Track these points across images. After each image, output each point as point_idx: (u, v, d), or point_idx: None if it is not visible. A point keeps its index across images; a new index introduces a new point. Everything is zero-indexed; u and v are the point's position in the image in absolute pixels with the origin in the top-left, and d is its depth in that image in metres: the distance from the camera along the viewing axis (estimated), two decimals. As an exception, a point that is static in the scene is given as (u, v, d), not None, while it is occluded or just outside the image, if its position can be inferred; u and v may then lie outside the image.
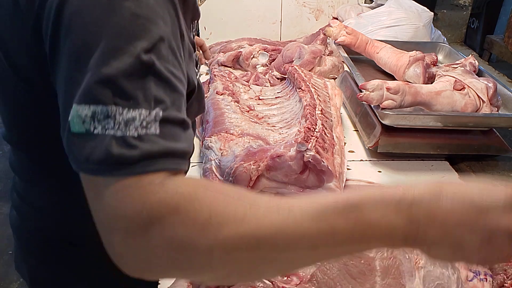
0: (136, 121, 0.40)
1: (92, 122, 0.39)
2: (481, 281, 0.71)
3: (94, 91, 0.39)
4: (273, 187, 0.96)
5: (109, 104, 0.39)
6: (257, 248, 0.39)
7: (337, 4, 2.08)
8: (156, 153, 0.40)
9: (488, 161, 1.17)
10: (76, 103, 0.40)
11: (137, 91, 0.40)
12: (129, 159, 0.39)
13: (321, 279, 0.60)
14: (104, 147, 0.39)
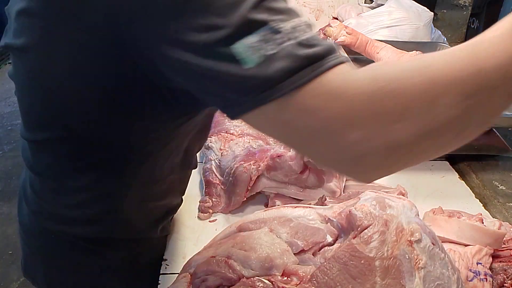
0: (299, 27, 0.40)
1: (265, 45, 0.39)
2: (481, 281, 0.71)
3: (250, 21, 0.39)
4: (273, 187, 0.96)
5: (270, 22, 0.39)
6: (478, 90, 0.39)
7: (337, 4, 2.08)
8: (331, 47, 0.41)
9: (488, 161, 1.17)
10: (238, 40, 0.39)
11: (283, 7, 0.41)
12: (317, 56, 0.39)
13: (321, 279, 0.60)
14: (291, 56, 0.39)
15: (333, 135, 0.40)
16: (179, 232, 0.91)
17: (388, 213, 0.64)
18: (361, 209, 0.65)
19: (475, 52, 0.42)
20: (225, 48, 0.40)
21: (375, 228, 0.63)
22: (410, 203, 0.68)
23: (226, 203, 0.97)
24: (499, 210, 0.99)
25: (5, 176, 2.88)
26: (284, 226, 0.72)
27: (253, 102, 0.40)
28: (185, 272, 0.71)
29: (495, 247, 0.77)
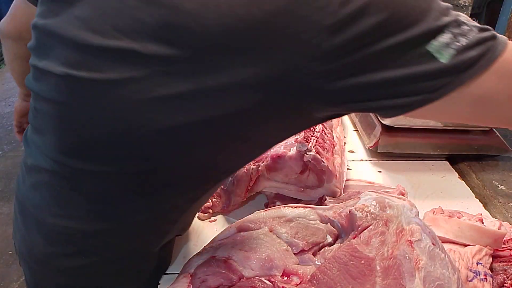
0: (466, 19, 0.48)
1: (455, 38, 0.46)
2: (481, 281, 0.71)
3: (441, 21, 0.46)
4: (273, 187, 0.96)
5: (454, 19, 0.47)
6: None
7: (337, 4, 2.08)
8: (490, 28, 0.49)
9: (488, 161, 1.17)
10: (433, 40, 0.46)
11: (449, 8, 0.48)
12: (494, 36, 0.48)
13: (321, 279, 0.60)
14: (479, 43, 0.46)
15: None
16: (179, 232, 0.91)
17: (388, 213, 0.64)
18: (361, 209, 0.65)
19: None
20: (421, 49, 0.46)
21: (375, 228, 0.63)
22: (410, 203, 0.68)
23: (226, 203, 0.96)
24: (499, 210, 0.99)
25: (5, 176, 2.88)
26: (284, 226, 0.72)
27: (454, 84, 0.47)
28: (185, 272, 0.71)
29: (495, 247, 0.77)
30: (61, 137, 0.59)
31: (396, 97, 0.49)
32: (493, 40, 0.48)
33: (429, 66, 0.46)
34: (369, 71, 0.47)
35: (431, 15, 0.46)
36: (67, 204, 0.64)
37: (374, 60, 0.46)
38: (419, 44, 0.46)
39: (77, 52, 0.53)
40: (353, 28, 0.45)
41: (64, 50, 0.54)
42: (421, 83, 0.47)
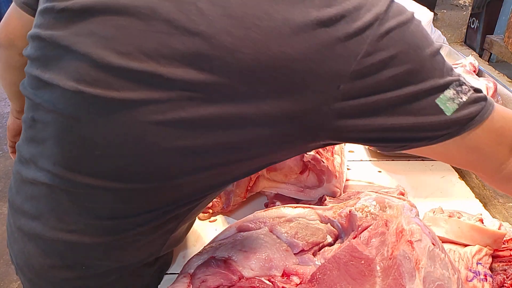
0: (464, 78, 0.55)
1: (458, 95, 0.53)
2: (481, 281, 0.71)
3: (448, 79, 0.53)
4: (273, 187, 0.96)
5: (457, 77, 0.54)
6: None
7: (337, 4, 2.08)
8: None
9: (488, 161, 1.17)
10: (441, 93, 0.52)
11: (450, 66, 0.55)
12: (485, 97, 0.55)
13: (321, 279, 0.60)
14: (475, 102, 0.53)
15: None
16: (179, 232, 0.91)
17: (388, 214, 0.64)
18: (361, 210, 0.65)
19: None
20: (431, 101, 0.52)
21: (375, 229, 0.63)
22: (410, 203, 0.68)
23: (226, 203, 0.96)
24: (499, 210, 0.99)
25: (5, 176, 2.87)
26: (284, 226, 0.72)
27: (454, 133, 0.54)
28: (185, 272, 0.71)
29: (495, 247, 0.77)
30: (64, 149, 0.58)
31: (399, 141, 0.55)
32: (485, 101, 0.55)
33: (435, 118, 0.52)
34: (380, 114, 0.52)
35: (441, 73, 0.53)
36: (66, 217, 0.63)
37: (387, 105, 0.51)
38: (429, 96, 0.52)
39: (93, 69, 0.52)
40: (375, 76, 0.50)
41: (75, 64, 0.53)
42: (425, 132, 0.53)
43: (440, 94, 0.52)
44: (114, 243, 0.65)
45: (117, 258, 0.67)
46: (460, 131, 0.54)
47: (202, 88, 0.50)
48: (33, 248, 0.67)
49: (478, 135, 0.55)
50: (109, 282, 0.70)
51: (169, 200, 0.61)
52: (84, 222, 0.62)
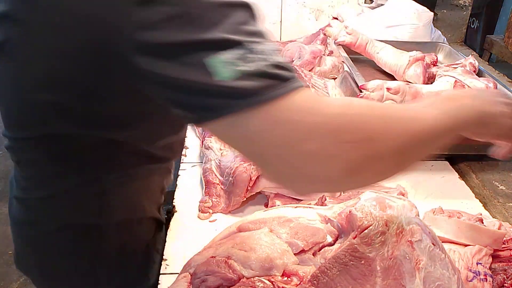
0: (269, 51, 0.45)
1: (240, 62, 0.43)
2: (481, 281, 0.71)
3: (227, 39, 0.43)
4: (273, 187, 0.96)
5: (245, 43, 0.44)
6: (412, 147, 0.51)
7: (337, 4, 2.08)
8: (294, 71, 0.47)
9: (488, 161, 1.17)
10: (213, 55, 0.43)
11: (256, 29, 0.46)
12: (286, 77, 0.45)
13: (321, 279, 0.60)
14: (263, 75, 0.43)
15: (293, 145, 0.45)
16: (179, 232, 0.91)
17: (389, 214, 0.64)
18: (361, 210, 0.65)
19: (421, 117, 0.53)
20: (200, 59, 0.43)
21: (376, 229, 0.63)
22: (411, 203, 0.68)
23: (226, 203, 0.96)
24: (499, 210, 0.99)
25: (5, 176, 2.87)
26: (284, 226, 0.72)
27: (224, 110, 0.44)
28: (185, 272, 0.71)
29: (495, 247, 0.77)
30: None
31: (176, 101, 0.47)
32: (282, 81, 0.45)
33: (203, 79, 0.43)
34: (158, 57, 0.45)
35: (223, 28, 0.44)
36: (17, 175, 0.72)
37: (166, 49, 0.44)
38: (198, 51, 0.43)
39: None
40: (154, 8, 0.43)
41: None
42: (196, 97, 0.45)
43: (212, 53, 0.43)
44: (52, 199, 0.69)
45: (59, 216, 0.71)
46: (232, 108, 0.44)
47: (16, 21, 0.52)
48: (13, 193, 0.76)
49: (254, 120, 0.44)
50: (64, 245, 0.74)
51: (76, 154, 0.64)
52: (24, 178, 0.71)
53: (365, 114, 0.48)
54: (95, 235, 0.73)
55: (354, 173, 0.47)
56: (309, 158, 0.45)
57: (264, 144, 0.45)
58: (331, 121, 0.46)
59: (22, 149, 0.67)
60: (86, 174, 0.67)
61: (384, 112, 0.51)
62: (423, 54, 1.34)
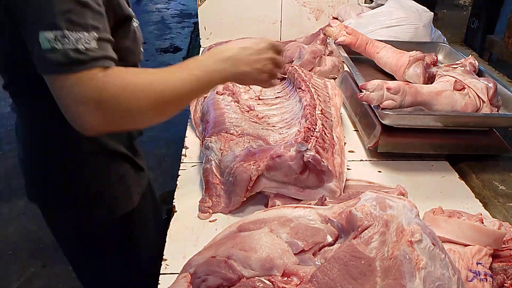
0: (82, 39, 0.67)
1: (55, 41, 0.66)
2: (481, 281, 0.71)
3: (55, 23, 0.65)
4: (273, 187, 0.96)
5: (64, 29, 0.66)
6: (164, 101, 0.75)
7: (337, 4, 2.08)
8: (97, 57, 0.68)
9: (488, 161, 1.17)
10: (42, 31, 0.65)
11: (80, 21, 0.67)
12: (82, 60, 0.67)
13: (321, 279, 0.60)
14: (66, 55, 0.66)
15: (70, 105, 0.69)
16: (179, 232, 0.91)
17: (389, 214, 0.64)
18: (362, 210, 0.65)
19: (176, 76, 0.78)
20: (37, 31, 0.66)
21: (376, 229, 0.63)
22: (411, 203, 0.68)
23: (226, 203, 0.96)
24: (499, 210, 0.99)
25: (5, 176, 2.87)
26: (284, 226, 0.72)
27: (42, 69, 0.69)
28: (185, 272, 0.71)
29: (495, 247, 0.77)
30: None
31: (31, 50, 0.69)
32: (76, 63, 0.66)
33: (37, 43, 0.66)
34: None
35: (54, 14, 0.65)
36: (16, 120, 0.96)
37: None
38: (37, 25, 0.66)
39: None
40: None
41: None
42: (37, 53, 0.67)
43: (44, 29, 0.65)
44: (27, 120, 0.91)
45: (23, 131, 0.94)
46: (46, 70, 0.68)
47: None
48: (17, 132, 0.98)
49: (54, 81, 0.68)
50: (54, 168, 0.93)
51: None
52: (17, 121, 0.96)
53: (118, 86, 0.70)
54: (73, 165, 0.93)
55: (111, 126, 0.72)
56: (77, 115, 0.69)
57: (58, 99, 0.70)
58: (92, 93, 0.68)
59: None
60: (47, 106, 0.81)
61: (134, 82, 0.72)
62: (423, 54, 1.34)
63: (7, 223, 2.46)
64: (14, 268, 2.17)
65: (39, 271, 2.15)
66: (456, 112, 1.13)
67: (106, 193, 0.97)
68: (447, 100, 1.12)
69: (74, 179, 0.94)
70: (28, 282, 2.10)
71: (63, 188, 0.95)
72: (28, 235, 2.36)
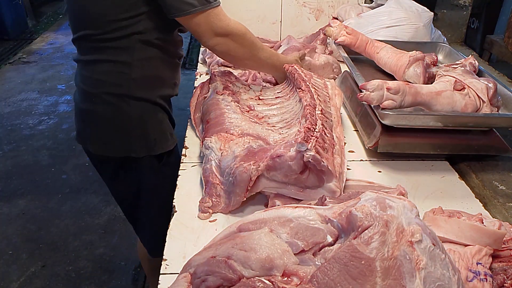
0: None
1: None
2: (481, 281, 0.71)
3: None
4: (273, 187, 0.96)
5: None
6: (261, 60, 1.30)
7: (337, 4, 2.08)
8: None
9: (488, 161, 1.17)
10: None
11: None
12: (209, 1, 1.10)
13: (322, 279, 0.60)
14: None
15: (208, 36, 1.16)
16: (179, 232, 0.91)
17: (389, 214, 0.64)
18: (362, 210, 0.65)
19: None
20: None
21: (376, 229, 0.63)
22: (411, 203, 0.68)
23: (226, 203, 0.96)
24: (499, 210, 0.99)
25: (5, 176, 2.87)
26: (284, 226, 0.72)
27: (178, 12, 1.09)
28: (185, 272, 0.71)
29: (495, 247, 0.77)
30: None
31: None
32: (209, 3, 1.09)
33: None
34: None
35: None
36: (78, 71, 1.27)
37: None
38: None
39: None
40: None
41: None
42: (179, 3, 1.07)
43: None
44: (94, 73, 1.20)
45: (101, 88, 1.20)
46: (187, 11, 1.07)
47: None
48: (77, 83, 1.27)
49: (193, 19, 1.09)
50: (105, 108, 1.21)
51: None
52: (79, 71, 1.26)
53: (246, 33, 1.21)
54: (123, 104, 1.19)
55: (231, 53, 1.21)
56: (216, 43, 1.16)
57: (196, 32, 1.15)
58: (228, 28, 1.15)
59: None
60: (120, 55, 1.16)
61: (250, 35, 1.24)
62: (423, 54, 1.34)
63: (7, 223, 2.46)
64: (14, 268, 2.17)
65: (39, 271, 2.15)
66: (456, 112, 1.13)
67: (146, 135, 1.23)
68: (447, 100, 1.12)
69: (121, 120, 1.21)
70: (28, 282, 2.10)
71: (112, 128, 1.22)
72: (28, 235, 2.37)
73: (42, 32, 5.69)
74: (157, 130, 1.25)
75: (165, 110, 1.27)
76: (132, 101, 1.18)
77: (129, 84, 1.16)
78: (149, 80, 1.20)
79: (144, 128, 1.22)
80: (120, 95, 1.18)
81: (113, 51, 1.14)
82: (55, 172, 2.90)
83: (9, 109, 3.72)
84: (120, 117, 1.20)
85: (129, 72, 1.15)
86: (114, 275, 2.15)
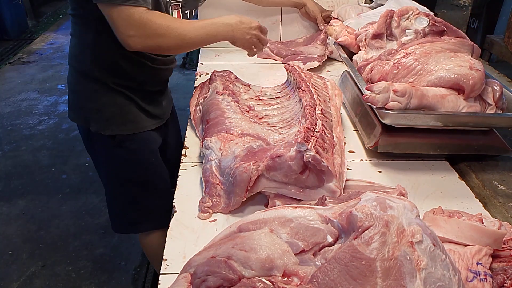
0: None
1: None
2: (481, 281, 0.71)
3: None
4: (273, 187, 0.96)
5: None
6: (182, 38, 1.15)
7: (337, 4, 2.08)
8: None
9: (488, 161, 1.17)
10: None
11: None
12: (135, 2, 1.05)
13: (322, 280, 0.60)
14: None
15: (121, 31, 1.08)
16: (179, 232, 0.91)
17: (389, 214, 0.64)
18: (362, 210, 0.65)
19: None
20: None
21: (376, 229, 0.63)
22: (411, 204, 0.68)
23: (226, 203, 0.96)
24: (499, 210, 0.99)
25: (5, 176, 2.87)
26: (285, 226, 0.72)
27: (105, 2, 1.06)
28: (185, 272, 0.71)
29: (495, 247, 0.77)
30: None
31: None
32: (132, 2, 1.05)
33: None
34: None
35: None
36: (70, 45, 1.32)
37: None
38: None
39: None
40: None
41: None
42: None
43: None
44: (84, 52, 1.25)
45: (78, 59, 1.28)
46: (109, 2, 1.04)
47: None
48: (70, 62, 1.33)
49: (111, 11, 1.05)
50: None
51: None
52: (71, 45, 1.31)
53: (160, 24, 1.10)
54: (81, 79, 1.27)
55: (147, 48, 1.14)
56: (126, 37, 1.08)
57: (113, 25, 1.07)
58: (138, 23, 1.06)
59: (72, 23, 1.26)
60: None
61: (166, 24, 1.11)
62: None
63: (7, 223, 2.46)
64: (14, 268, 2.17)
65: (39, 271, 2.15)
66: (456, 112, 1.12)
67: (100, 112, 1.28)
68: (451, 104, 1.11)
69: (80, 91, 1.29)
70: (28, 282, 2.10)
71: (76, 98, 1.32)
72: (28, 235, 2.36)
73: (42, 32, 5.69)
74: (114, 112, 1.27)
75: (128, 98, 1.28)
76: (89, 78, 1.25)
77: (85, 61, 1.23)
78: (103, 65, 1.23)
79: (98, 106, 1.27)
80: (79, 70, 1.26)
81: (78, 28, 1.23)
82: (55, 172, 2.90)
83: (9, 109, 3.71)
84: (79, 89, 1.29)
85: (88, 51, 1.22)
86: (114, 275, 2.15)
